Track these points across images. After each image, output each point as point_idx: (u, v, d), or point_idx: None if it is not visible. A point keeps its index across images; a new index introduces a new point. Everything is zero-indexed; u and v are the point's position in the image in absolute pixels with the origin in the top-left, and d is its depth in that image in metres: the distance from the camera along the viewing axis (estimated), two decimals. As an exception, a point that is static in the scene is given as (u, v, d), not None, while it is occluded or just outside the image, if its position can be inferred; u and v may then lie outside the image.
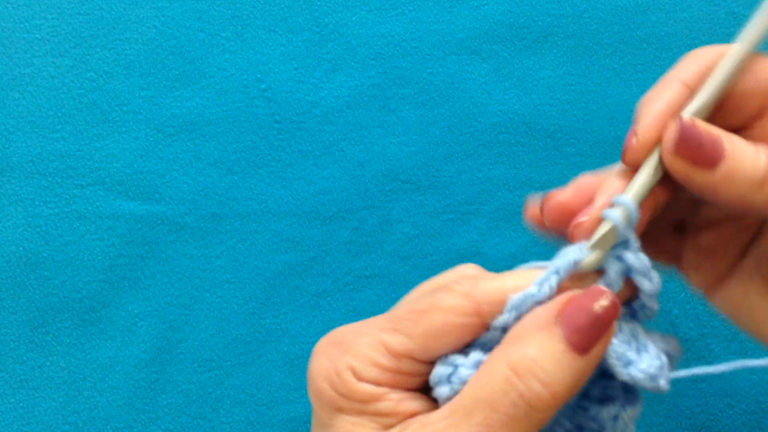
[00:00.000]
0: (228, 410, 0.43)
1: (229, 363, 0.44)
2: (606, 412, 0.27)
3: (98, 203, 0.46)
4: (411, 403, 0.26)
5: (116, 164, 0.46)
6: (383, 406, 0.25)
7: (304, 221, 0.45)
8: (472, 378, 0.25)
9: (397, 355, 0.26)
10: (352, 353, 0.26)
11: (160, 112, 0.47)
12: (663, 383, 0.26)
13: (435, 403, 0.26)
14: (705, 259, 0.31)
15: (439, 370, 0.26)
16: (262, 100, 0.47)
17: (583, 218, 0.27)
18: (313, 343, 0.28)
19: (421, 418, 0.25)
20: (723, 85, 0.27)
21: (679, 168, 0.26)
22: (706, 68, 0.28)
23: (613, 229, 0.26)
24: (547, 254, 0.28)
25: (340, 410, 0.26)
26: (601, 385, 0.28)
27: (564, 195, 0.29)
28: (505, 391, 0.24)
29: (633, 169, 0.28)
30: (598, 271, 0.28)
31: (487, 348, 0.26)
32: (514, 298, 0.26)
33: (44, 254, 0.45)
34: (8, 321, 0.44)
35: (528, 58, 0.47)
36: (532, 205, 0.30)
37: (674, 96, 0.27)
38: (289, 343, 0.44)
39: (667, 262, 0.33)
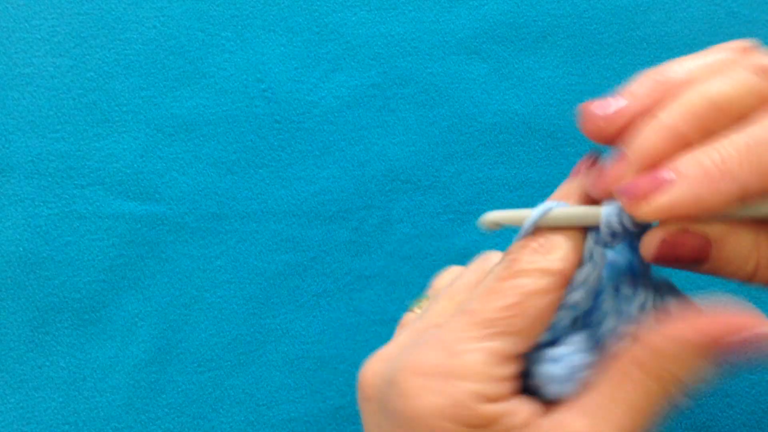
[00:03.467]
0: (228, 410, 0.43)
1: (229, 363, 0.44)
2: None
3: (98, 203, 0.46)
4: (524, 407, 0.24)
5: (116, 164, 0.46)
6: (507, 421, 0.24)
7: (304, 221, 0.45)
8: (606, 380, 0.24)
9: (511, 360, 0.24)
10: (465, 377, 0.23)
11: (159, 112, 0.47)
12: None
13: (532, 399, 0.25)
14: None
15: (552, 369, 0.25)
16: (262, 100, 0.47)
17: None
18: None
19: (551, 424, 0.24)
20: None
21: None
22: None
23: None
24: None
25: None
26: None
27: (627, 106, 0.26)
28: (653, 400, 0.24)
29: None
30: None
31: (563, 329, 0.26)
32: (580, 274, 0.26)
33: (44, 254, 0.45)
34: (8, 321, 0.44)
35: (528, 58, 0.47)
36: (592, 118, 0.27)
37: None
38: (289, 343, 0.44)
39: None
